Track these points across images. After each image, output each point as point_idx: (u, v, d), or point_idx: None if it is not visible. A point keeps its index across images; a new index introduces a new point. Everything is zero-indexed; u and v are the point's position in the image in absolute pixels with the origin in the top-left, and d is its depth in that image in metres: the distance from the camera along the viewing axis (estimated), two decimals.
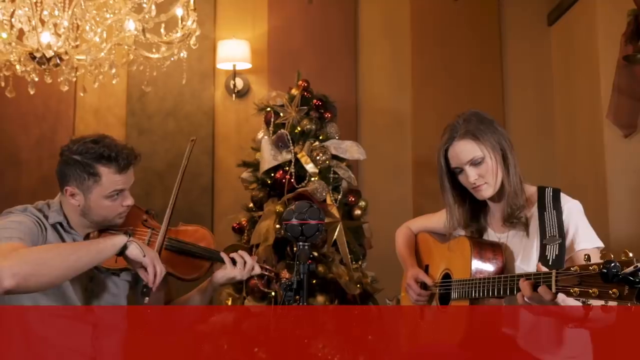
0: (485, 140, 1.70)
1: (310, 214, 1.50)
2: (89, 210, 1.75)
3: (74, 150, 1.73)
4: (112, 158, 1.71)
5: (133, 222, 1.83)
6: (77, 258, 1.58)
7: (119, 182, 1.73)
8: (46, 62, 2.72)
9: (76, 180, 1.72)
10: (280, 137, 2.83)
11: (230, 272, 1.84)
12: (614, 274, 1.14)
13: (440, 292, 1.81)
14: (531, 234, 1.68)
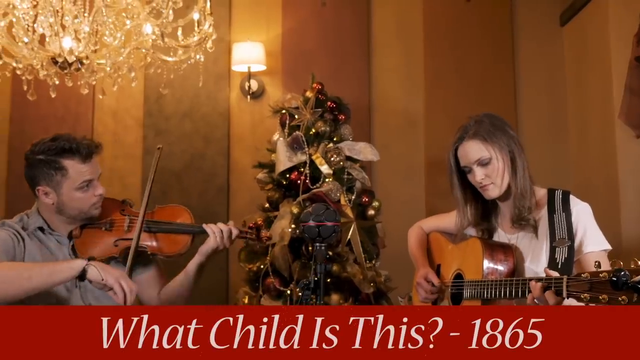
0: (493, 142, 1.75)
1: (327, 215, 1.55)
2: (63, 205, 1.81)
3: (37, 151, 1.83)
4: (74, 150, 1.78)
5: (111, 213, 1.90)
6: (29, 277, 1.62)
7: (85, 173, 1.80)
8: (68, 67, 2.80)
9: (45, 179, 1.80)
10: (295, 139, 2.88)
11: (213, 242, 1.88)
12: (624, 282, 1.19)
13: (452, 292, 1.86)
14: (540, 235, 1.73)
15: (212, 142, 3.88)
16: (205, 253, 1.92)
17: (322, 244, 1.57)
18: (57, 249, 1.87)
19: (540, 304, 1.46)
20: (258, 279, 2.79)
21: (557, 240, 1.64)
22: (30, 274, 1.63)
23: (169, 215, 1.93)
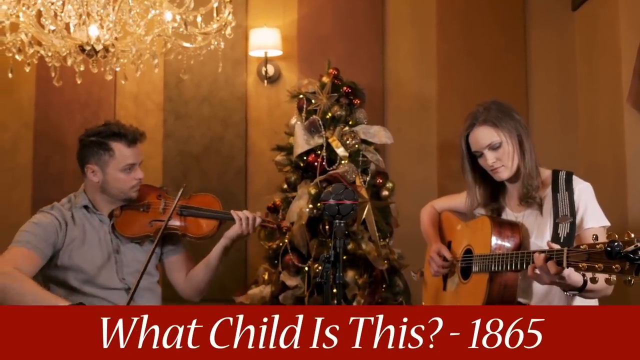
0: (503, 127, 1.85)
1: (346, 195, 1.68)
2: (107, 184, 2.02)
3: (89, 134, 2.05)
4: (121, 134, 2.01)
5: (149, 197, 2.10)
6: (22, 299, 1.78)
7: (129, 156, 2.01)
8: (95, 54, 2.93)
9: (94, 158, 2.01)
10: (312, 123, 2.99)
11: (238, 228, 2.06)
12: (617, 252, 1.31)
13: (462, 266, 1.99)
14: (545, 213, 1.84)
15: (230, 126, 4.00)
16: (230, 237, 2.09)
17: (341, 221, 1.69)
18: (99, 227, 2.05)
19: (542, 273, 1.58)
20: (277, 256, 2.92)
21: (560, 217, 1.75)
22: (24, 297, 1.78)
23: (200, 202, 2.11)
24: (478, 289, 1.85)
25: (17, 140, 4.11)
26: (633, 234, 1.34)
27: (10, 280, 1.83)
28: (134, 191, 2.05)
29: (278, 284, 2.89)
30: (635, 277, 1.32)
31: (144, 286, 2.03)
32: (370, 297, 2.83)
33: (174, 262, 2.17)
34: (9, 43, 2.87)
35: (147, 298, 2.08)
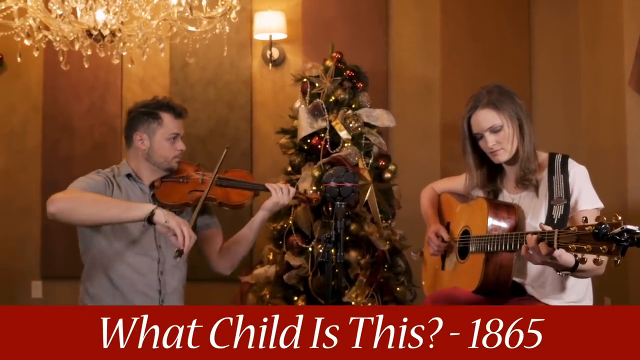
0: (504, 110, 1.90)
1: (347, 177, 1.73)
2: (153, 152, 2.14)
3: (139, 106, 2.20)
4: (170, 106, 2.17)
5: (187, 170, 2.21)
6: (107, 208, 1.92)
7: (175, 127, 2.16)
8: (102, 39, 2.97)
9: (143, 126, 2.14)
10: (315, 106, 3.03)
11: (275, 197, 2.17)
12: (604, 233, 1.36)
13: (460, 246, 2.05)
14: (540, 195, 1.89)
15: (235, 109, 4.04)
16: (268, 208, 2.20)
17: (342, 202, 1.74)
18: (140, 196, 2.15)
19: (534, 253, 1.63)
20: (282, 236, 2.99)
21: (555, 199, 1.81)
22: (110, 205, 1.93)
23: (236, 176, 2.24)
24: (474, 268, 1.91)
25: (26, 124, 4.17)
26: (620, 216, 1.39)
27: (86, 195, 1.96)
28: (175, 161, 2.17)
29: (282, 264, 2.96)
30: (622, 258, 1.37)
31: (175, 262, 2.11)
32: (372, 277, 2.90)
33: (208, 235, 2.25)
34: (18, 28, 2.91)
35: (175, 278, 2.17)
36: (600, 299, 3.45)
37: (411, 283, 3.07)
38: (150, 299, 2.11)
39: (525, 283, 1.95)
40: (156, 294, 2.12)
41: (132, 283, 2.09)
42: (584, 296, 1.91)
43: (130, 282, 2.09)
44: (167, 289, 2.15)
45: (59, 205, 1.89)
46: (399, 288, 2.99)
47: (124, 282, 2.08)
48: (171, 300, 2.16)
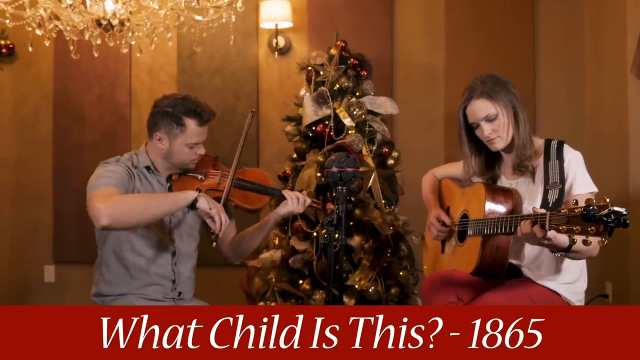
0: (499, 100, 1.95)
1: (348, 163, 1.79)
2: (171, 154, 2.11)
3: (167, 104, 2.09)
4: (197, 113, 2.08)
5: (205, 166, 2.19)
6: (157, 205, 1.93)
7: (198, 135, 2.10)
8: (111, 28, 3.04)
9: (165, 128, 2.08)
10: (320, 94, 3.08)
11: (290, 206, 2.17)
12: (592, 215, 1.42)
13: (459, 230, 2.11)
14: (537, 180, 1.95)
15: (242, 97, 4.09)
16: (281, 214, 2.21)
17: (343, 187, 1.80)
18: (157, 188, 2.16)
19: (530, 236, 1.69)
20: (287, 222, 3.05)
21: (550, 183, 1.86)
22: (158, 202, 1.95)
23: (255, 177, 2.22)
24: (472, 251, 1.97)
25: (37, 112, 4.24)
26: (608, 199, 1.44)
27: (131, 199, 1.94)
28: (193, 164, 2.15)
29: (288, 249, 3.02)
30: (609, 239, 1.43)
31: (187, 252, 2.18)
32: (376, 261, 2.96)
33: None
34: (29, 18, 2.97)
35: (187, 266, 2.21)
36: (602, 283, 3.50)
37: (414, 267, 3.12)
38: (163, 288, 2.15)
39: (521, 265, 2.01)
40: (169, 283, 2.17)
41: (148, 274, 2.13)
42: (578, 277, 1.97)
43: (146, 273, 2.12)
44: (181, 278, 2.19)
45: (110, 218, 1.83)
46: (401, 272, 3.04)
47: (140, 273, 2.12)
48: (183, 287, 2.20)
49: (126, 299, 2.11)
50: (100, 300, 2.16)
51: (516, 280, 2.01)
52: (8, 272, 4.20)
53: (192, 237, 2.21)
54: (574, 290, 1.96)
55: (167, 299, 2.17)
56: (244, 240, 2.28)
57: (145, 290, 2.12)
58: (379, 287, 2.91)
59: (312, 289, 2.94)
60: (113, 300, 2.13)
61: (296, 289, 2.98)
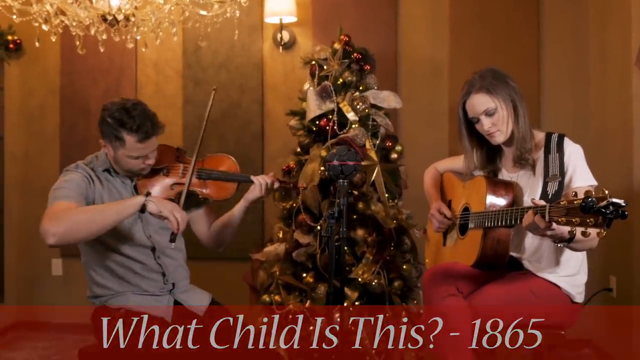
0: (497, 94, 1.96)
1: (349, 156, 1.81)
2: (117, 162, 2.08)
3: (109, 112, 2.02)
4: (135, 130, 1.97)
5: (168, 160, 2.15)
6: (103, 218, 1.88)
7: (139, 150, 2.01)
8: (116, 23, 3.06)
9: (107, 138, 2.04)
10: (324, 88, 3.09)
11: (257, 191, 2.15)
12: (591, 206, 1.43)
13: (460, 223, 2.12)
14: (537, 173, 1.96)
15: (246, 92, 4.10)
16: (250, 200, 2.20)
17: (344, 180, 1.82)
18: (122, 187, 2.16)
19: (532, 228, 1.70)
20: (291, 215, 3.07)
21: (550, 176, 1.87)
22: (104, 215, 1.88)
23: (218, 164, 2.18)
24: (473, 243, 1.98)
25: (44, 107, 4.28)
26: (607, 190, 1.45)
27: (76, 214, 1.86)
28: (142, 171, 2.10)
29: (292, 242, 3.03)
30: (607, 230, 1.44)
31: (167, 244, 2.10)
32: (379, 254, 2.97)
33: (196, 216, 2.28)
34: (35, 13, 3.00)
35: (173, 258, 2.21)
36: (606, 277, 3.50)
37: (417, 261, 3.13)
38: (154, 281, 2.15)
39: (522, 258, 2.02)
40: (159, 276, 2.17)
41: (134, 271, 2.13)
42: (578, 270, 1.98)
43: (132, 270, 2.12)
44: (170, 269, 2.19)
45: (56, 238, 1.81)
46: (405, 266, 3.05)
47: (126, 271, 2.11)
48: (176, 277, 2.20)
49: (123, 295, 2.11)
50: (99, 301, 2.16)
51: (517, 272, 2.02)
52: (16, 265, 4.24)
53: (168, 228, 2.12)
54: (574, 283, 1.98)
55: (163, 292, 2.17)
56: (221, 228, 2.27)
57: (138, 285, 2.12)
58: (382, 280, 2.92)
59: (315, 282, 2.95)
60: (110, 298, 2.13)
61: (300, 282, 3.00)
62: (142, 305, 2.08)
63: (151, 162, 2.07)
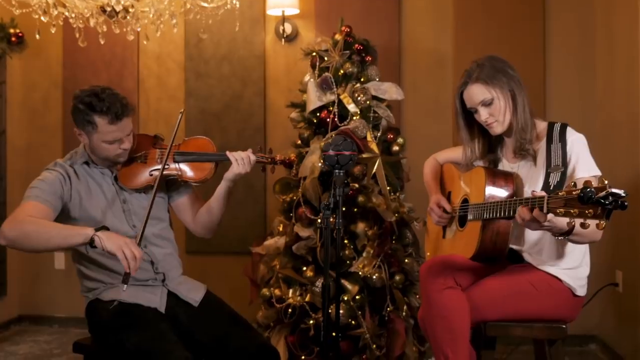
0: (495, 84, 1.92)
1: (345, 146, 1.77)
2: (94, 150, 2.07)
3: (79, 99, 2.03)
4: (105, 111, 1.97)
5: (145, 147, 2.14)
6: (49, 238, 1.88)
7: (113, 132, 2.00)
8: (115, 15, 3.04)
9: (80, 125, 2.03)
10: (324, 80, 3.05)
11: (236, 168, 2.11)
12: (589, 197, 1.39)
13: (460, 215, 2.08)
14: (539, 163, 1.92)
15: (249, 84, 4.08)
16: (230, 178, 2.15)
17: (340, 170, 1.78)
18: (101, 179, 2.14)
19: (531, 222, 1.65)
20: (291, 208, 3.04)
21: (552, 166, 1.83)
22: (50, 235, 1.89)
23: (194, 147, 2.16)
24: (472, 235, 1.95)
25: (47, 100, 4.27)
26: (607, 180, 1.41)
27: (30, 225, 1.89)
28: (120, 157, 2.08)
29: (292, 235, 3.01)
30: (607, 221, 1.39)
31: (154, 233, 2.14)
32: (380, 248, 2.94)
33: (180, 204, 2.26)
34: (35, 5, 2.99)
35: (161, 246, 2.18)
36: (612, 272, 3.45)
37: (418, 254, 3.09)
38: (144, 271, 2.11)
39: (522, 250, 1.98)
40: (148, 265, 2.14)
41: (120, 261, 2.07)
42: (580, 262, 1.94)
43: (119, 261, 2.03)
44: (158, 257, 2.16)
45: (6, 241, 1.91)
46: (406, 259, 3.02)
47: (114, 263, 2.06)
48: (166, 266, 2.17)
49: (115, 288, 2.09)
50: (92, 294, 2.15)
51: (517, 265, 1.98)
52: (19, 259, 4.24)
53: (154, 218, 2.14)
54: (576, 276, 1.93)
55: (155, 283, 2.15)
56: (206, 213, 2.24)
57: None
58: (383, 274, 2.89)
59: (315, 276, 2.93)
60: (101, 292, 2.12)
61: (300, 276, 2.97)
62: (134, 296, 2.07)
63: (127, 147, 2.05)
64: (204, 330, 2.08)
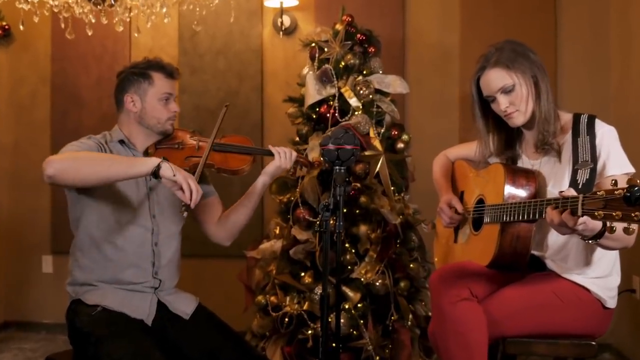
0: (516, 69, 1.73)
1: (346, 139, 1.59)
2: (145, 114, 2.06)
3: (128, 68, 2.13)
4: (161, 66, 2.10)
5: (182, 136, 2.14)
6: (110, 165, 1.81)
7: (167, 86, 2.08)
8: (101, 3, 2.87)
9: (134, 86, 2.06)
10: (324, 72, 2.88)
11: (278, 161, 2.12)
12: (637, 197, 1.18)
13: (474, 217, 1.89)
14: (564, 160, 1.73)
15: (245, 79, 3.92)
16: (270, 172, 2.14)
17: (341, 166, 1.60)
18: None
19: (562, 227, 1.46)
20: (289, 210, 2.87)
21: (580, 162, 1.64)
22: (111, 163, 1.83)
23: (234, 141, 2.17)
24: (489, 240, 1.76)
25: (35, 95, 4.13)
26: None
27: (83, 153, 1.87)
28: (169, 124, 2.10)
29: (289, 238, 2.84)
30: None
31: (172, 232, 2.10)
32: (383, 252, 2.77)
33: (206, 205, 2.17)
34: None
35: (171, 249, 2.10)
36: (629, 277, 3.28)
37: (425, 259, 2.94)
38: (142, 271, 2.03)
39: (545, 256, 1.79)
40: (149, 265, 2.05)
41: (125, 254, 2.01)
42: (610, 271, 1.75)
43: (123, 253, 2.01)
44: (162, 261, 2.07)
45: (57, 166, 1.77)
46: (412, 265, 2.86)
47: (117, 254, 2.01)
48: (165, 273, 2.08)
49: (99, 289, 1.99)
50: (74, 291, 2.04)
51: (539, 273, 1.79)
52: (5, 262, 4.11)
53: (177, 216, 2.09)
54: (606, 286, 1.74)
55: (146, 289, 2.03)
56: (233, 213, 2.17)
57: (123, 274, 2.00)
58: (387, 280, 2.74)
59: (314, 282, 2.77)
60: (86, 292, 2.01)
61: (297, 282, 2.80)
62: (121, 303, 1.96)
63: (176, 109, 2.11)
64: (193, 344, 1.99)
